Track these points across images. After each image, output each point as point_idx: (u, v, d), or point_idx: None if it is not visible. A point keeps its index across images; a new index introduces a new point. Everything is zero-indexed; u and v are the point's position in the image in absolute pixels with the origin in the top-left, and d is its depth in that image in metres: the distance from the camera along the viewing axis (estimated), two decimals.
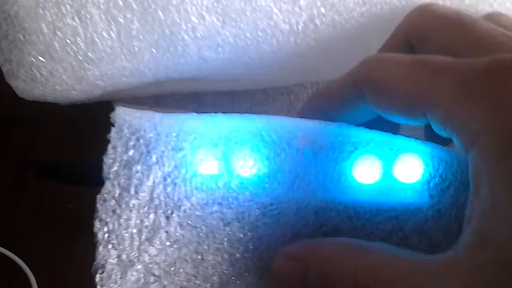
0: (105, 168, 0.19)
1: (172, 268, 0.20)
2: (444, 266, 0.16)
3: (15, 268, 0.29)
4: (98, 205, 0.19)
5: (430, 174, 0.20)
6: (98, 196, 0.19)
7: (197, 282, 0.20)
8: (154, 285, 0.20)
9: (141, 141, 0.19)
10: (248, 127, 0.20)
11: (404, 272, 0.17)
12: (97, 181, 0.20)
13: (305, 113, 0.24)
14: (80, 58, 0.23)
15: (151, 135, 0.19)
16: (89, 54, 0.23)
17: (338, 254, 0.19)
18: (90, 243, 0.19)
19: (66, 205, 0.29)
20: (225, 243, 0.20)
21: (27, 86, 0.23)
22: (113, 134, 0.19)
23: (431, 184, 0.20)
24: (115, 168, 0.19)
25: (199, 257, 0.20)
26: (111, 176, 0.19)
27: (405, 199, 0.20)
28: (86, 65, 0.23)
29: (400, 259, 0.18)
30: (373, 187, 0.20)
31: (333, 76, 0.23)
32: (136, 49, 0.23)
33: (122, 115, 0.20)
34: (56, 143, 0.32)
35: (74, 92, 0.24)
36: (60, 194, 0.30)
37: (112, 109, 0.20)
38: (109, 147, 0.19)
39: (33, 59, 0.23)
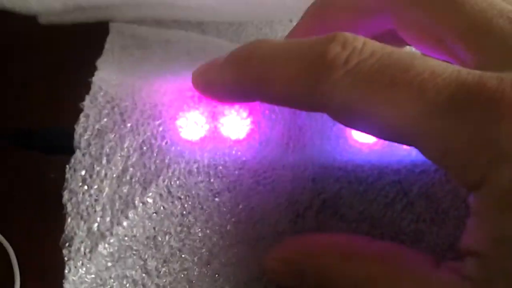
0: (76, 137, 0.18)
1: (153, 242, 0.19)
2: None
3: None
4: (67, 175, 0.18)
5: None
6: (67, 165, 0.18)
7: (183, 255, 0.20)
8: (131, 259, 0.19)
9: (116, 109, 0.19)
10: None
11: None
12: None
13: (308, 20, 0.20)
14: None
15: (127, 103, 0.19)
16: None
17: (335, 261, 0.17)
18: None
19: (49, 174, 0.28)
20: (214, 215, 0.19)
21: None
22: (86, 102, 0.19)
23: None
24: (86, 137, 0.18)
25: (185, 229, 0.19)
26: (82, 145, 0.18)
27: (410, 161, 0.19)
28: None
29: (404, 273, 0.16)
30: (375, 149, 0.19)
31: None
32: None
33: (99, 82, 0.19)
34: (38, 111, 0.30)
35: None
36: (43, 163, 0.28)
37: None
38: (81, 115, 0.19)
39: None
